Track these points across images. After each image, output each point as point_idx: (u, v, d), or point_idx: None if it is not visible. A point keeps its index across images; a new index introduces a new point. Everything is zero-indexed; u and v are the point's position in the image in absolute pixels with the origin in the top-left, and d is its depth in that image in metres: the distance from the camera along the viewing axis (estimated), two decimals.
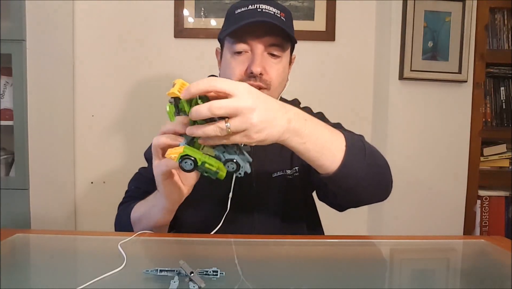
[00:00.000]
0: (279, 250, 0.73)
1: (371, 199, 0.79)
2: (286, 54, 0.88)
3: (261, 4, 0.83)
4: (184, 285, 0.52)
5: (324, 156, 0.67)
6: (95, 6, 1.68)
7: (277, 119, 0.60)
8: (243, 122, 0.57)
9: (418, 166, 1.59)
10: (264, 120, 0.58)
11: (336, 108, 1.74)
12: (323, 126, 0.68)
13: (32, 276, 0.60)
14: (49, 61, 1.48)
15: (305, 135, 0.63)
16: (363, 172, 0.70)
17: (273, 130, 0.60)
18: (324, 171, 0.69)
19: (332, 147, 0.67)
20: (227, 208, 0.85)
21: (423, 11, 1.53)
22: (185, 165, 0.60)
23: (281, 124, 0.60)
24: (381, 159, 0.76)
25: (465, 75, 1.56)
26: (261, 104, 0.58)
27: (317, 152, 0.66)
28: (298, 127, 0.62)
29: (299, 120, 0.63)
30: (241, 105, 0.56)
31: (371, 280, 0.62)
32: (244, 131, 0.57)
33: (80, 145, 1.73)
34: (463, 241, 0.88)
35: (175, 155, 0.59)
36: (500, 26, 1.63)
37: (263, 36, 0.82)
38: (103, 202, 1.70)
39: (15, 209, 1.33)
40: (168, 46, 1.70)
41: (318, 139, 0.65)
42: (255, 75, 0.82)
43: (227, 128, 0.56)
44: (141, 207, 0.84)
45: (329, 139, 0.67)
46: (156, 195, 0.79)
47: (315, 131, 0.65)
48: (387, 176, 0.78)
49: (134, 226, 0.84)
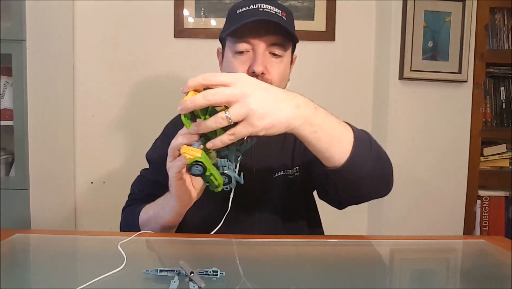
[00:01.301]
0: (279, 250, 0.73)
1: (373, 194, 0.78)
2: (287, 54, 0.88)
3: (263, 4, 0.83)
4: (184, 285, 0.52)
5: (333, 146, 0.66)
6: (95, 6, 1.68)
7: (281, 105, 0.59)
8: (241, 107, 0.56)
9: (418, 165, 1.59)
10: (264, 106, 0.57)
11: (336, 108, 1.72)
12: (332, 116, 0.67)
13: (32, 276, 0.60)
14: (49, 61, 1.48)
15: (316, 124, 0.62)
16: (369, 165, 0.69)
17: (279, 116, 0.58)
18: (332, 163, 0.68)
19: (342, 138, 0.67)
20: (228, 208, 0.85)
21: (423, 11, 1.53)
22: (195, 169, 0.60)
23: (287, 110, 0.59)
24: (385, 154, 0.76)
25: (465, 75, 1.56)
26: (259, 90, 0.57)
27: (327, 142, 0.65)
28: (308, 114, 0.61)
29: (309, 107, 0.62)
30: (237, 91, 0.56)
31: (371, 280, 0.62)
32: (245, 119, 0.56)
33: (80, 145, 1.73)
34: (463, 241, 0.88)
35: (190, 156, 0.59)
36: (500, 26, 1.63)
37: (265, 35, 0.82)
38: (103, 202, 1.70)
39: (15, 209, 1.33)
40: (168, 46, 1.70)
41: (328, 129, 0.64)
42: (257, 75, 0.82)
43: (227, 118, 0.55)
44: (149, 210, 0.84)
45: (338, 130, 0.66)
46: (166, 197, 0.80)
47: (325, 120, 0.64)
48: (389, 171, 0.77)
49: (142, 228, 0.84)
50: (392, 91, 1.58)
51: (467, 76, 1.56)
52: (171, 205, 0.76)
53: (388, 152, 0.77)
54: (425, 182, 1.60)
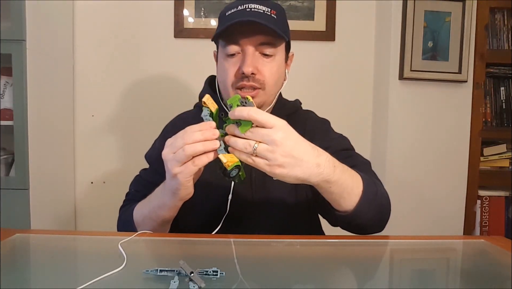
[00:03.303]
0: (279, 250, 0.73)
1: (369, 232, 0.84)
2: (279, 52, 0.87)
3: (251, 3, 0.83)
4: (184, 285, 0.52)
5: (343, 198, 0.73)
6: (95, 6, 1.68)
7: (304, 161, 0.64)
8: (268, 151, 0.62)
9: (418, 165, 1.59)
10: (288, 157, 0.63)
11: (336, 108, 1.74)
12: (348, 172, 0.73)
13: (32, 276, 0.60)
14: (49, 61, 1.48)
15: (332, 181, 0.69)
16: (371, 214, 0.77)
17: (298, 171, 0.64)
18: (338, 208, 0.75)
19: (352, 191, 0.73)
20: (227, 210, 0.85)
21: (423, 11, 1.53)
22: (233, 172, 0.66)
23: (308, 167, 0.65)
24: (386, 198, 0.83)
25: (465, 75, 1.56)
26: (290, 142, 0.63)
27: (338, 194, 0.72)
28: (326, 173, 0.67)
29: (329, 167, 0.68)
30: (271, 136, 0.62)
31: (371, 280, 0.62)
32: (268, 160, 0.63)
33: (80, 145, 1.73)
34: (463, 241, 0.88)
35: (231, 163, 0.65)
36: (500, 26, 1.63)
37: (253, 35, 0.82)
38: (103, 202, 1.70)
39: (15, 209, 1.33)
40: (168, 46, 1.70)
41: (342, 185, 0.71)
42: (247, 76, 0.82)
43: (253, 148, 0.62)
44: (143, 209, 0.84)
45: (350, 184, 0.73)
46: (157, 194, 0.79)
47: (341, 177, 0.70)
48: (388, 214, 0.85)
49: (138, 227, 0.84)
50: (392, 91, 1.58)
51: (467, 76, 1.56)
52: (168, 201, 0.76)
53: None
54: (425, 182, 1.60)
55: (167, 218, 0.80)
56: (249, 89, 0.84)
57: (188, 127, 0.68)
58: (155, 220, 0.80)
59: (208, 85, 0.97)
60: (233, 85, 0.85)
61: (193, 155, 0.66)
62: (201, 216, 0.89)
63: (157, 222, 0.80)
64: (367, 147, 1.74)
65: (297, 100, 1.00)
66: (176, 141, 0.67)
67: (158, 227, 0.81)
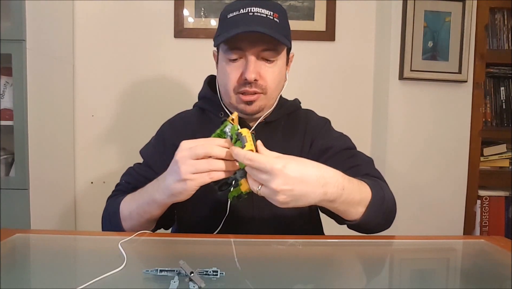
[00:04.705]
0: (279, 250, 0.73)
1: (376, 232, 0.84)
2: (281, 56, 0.87)
3: (253, 7, 0.82)
4: (184, 285, 0.52)
5: (348, 211, 0.74)
6: (95, 6, 1.68)
7: (309, 194, 0.65)
8: (270, 194, 0.63)
9: (418, 166, 1.59)
10: (291, 196, 0.63)
11: (336, 108, 1.74)
12: (356, 187, 0.73)
13: (32, 276, 0.60)
14: (49, 61, 1.48)
15: (339, 202, 0.70)
16: (379, 219, 0.78)
17: (304, 202, 0.65)
18: (346, 218, 0.77)
19: (359, 204, 0.74)
20: (227, 211, 0.85)
21: (423, 11, 1.53)
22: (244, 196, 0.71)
23: (314, 197, 0.65)
24: (392, 200, 0.83)
25: (465, 75, 1.56)
26: (289, 185, 0.62)
27: (344, 209, 0.73)
28: (334, 197, 0.68)
29: (337, 191, 0.68)
30: (269, 185, 0.62)
31: (371, 280, 0.62)
32: (272, 200, 0.65)
33: (80, 145, 1.73)
34: (463, 241, 0.88)
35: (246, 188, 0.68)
36: (500, 26, 1.63)
37: (256, 42, 0.82)
38: (103, 202, 1.68)
39: (15, 209, 1.33)
40: (168, 46, 1.70)
41: (349, 202, 0.71)
42: (249, 82, 0.82)
43: (258, 190, 0.64)
44: (131, 202, 0.83)
45: (358, 198, 0.73)
46: (148, 190, 0.78)
47: (349, 196, 0.70)
48: (394, 213, 0.85)
49: (123, 220, 0.83)
50: (392, 91, 1.58)
51: (467, 76, 1.56)
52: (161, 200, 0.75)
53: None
54: (425, 182, 1.60)
55: (154, 215, 0.80)
56: (250, 93, 0.84)
57: (212, 139, 0.70)
58: (142, 216, 0.80)
59: (207, 85, 0.97)
60: (235, 90, 0.85)
61: (213, 170, 0.67)
62: (201, 218, 0.89)
63: (144, 217, 0.80)
64: (367, 146, 1.74)
65: (296, 100, 1.00)
66: (197, 149, 0.68)
67: (144, 223, 0.81)
